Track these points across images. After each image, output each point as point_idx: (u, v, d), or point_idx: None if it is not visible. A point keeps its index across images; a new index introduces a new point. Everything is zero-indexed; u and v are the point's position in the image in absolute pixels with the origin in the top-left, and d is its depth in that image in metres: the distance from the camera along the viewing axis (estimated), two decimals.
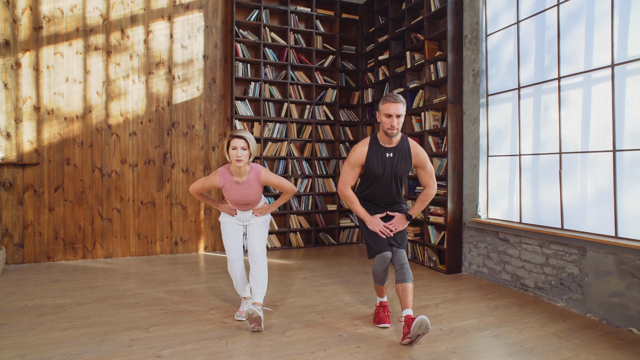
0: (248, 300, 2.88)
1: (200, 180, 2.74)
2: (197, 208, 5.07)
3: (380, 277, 2.69)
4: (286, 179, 3.02)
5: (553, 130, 3.30)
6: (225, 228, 2.81)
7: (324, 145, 5.61)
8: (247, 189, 2.67)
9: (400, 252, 2.61)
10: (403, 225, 2.64)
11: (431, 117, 4.33)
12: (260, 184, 2.70)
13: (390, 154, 2.59)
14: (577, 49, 3.12)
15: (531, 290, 3.37)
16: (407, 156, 2.60)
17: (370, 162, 2.59)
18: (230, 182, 2.66)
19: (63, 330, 2.58)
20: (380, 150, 2.60)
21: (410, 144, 2.63)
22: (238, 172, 2.63)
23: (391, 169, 2.59)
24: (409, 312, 2.40)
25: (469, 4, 4.04)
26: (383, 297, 2.79)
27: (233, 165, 2.62)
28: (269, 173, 2.72)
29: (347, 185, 2.66)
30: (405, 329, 2.33)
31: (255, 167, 2.69)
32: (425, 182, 2.67)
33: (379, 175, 2.60)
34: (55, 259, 4.47)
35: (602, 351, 2.34)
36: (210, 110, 5.13)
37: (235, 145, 2.52)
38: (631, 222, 2.75)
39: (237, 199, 2.71)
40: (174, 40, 4.95)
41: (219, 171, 2.68)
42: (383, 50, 5.37)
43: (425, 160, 2.63)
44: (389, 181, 2.61)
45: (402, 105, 2.48)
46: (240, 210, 2.83)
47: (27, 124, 4.35)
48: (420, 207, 2.68)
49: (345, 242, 5.74)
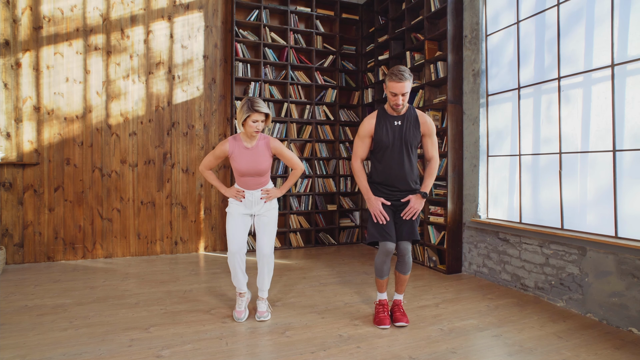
0: (244, 296, 2.84)
1: (209, 153, 2.81)
2: (197, 208, 5.07)
3: (379, 268, 2.69)
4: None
5: (553, 130, 3.30)
6: (231, 219, 2.79)
7: (324, 145, 5.61)
8: (257, 155, 2.72)
9: (404, 243, 2.64)
10: (421, 205, 2.65)
11: (431, 117, 4.33)
12: (269, 150, 2.75)
13: (399, 122, 2.63)
14: (577, 49, 3.12)
15: (531, 290, 3.37)
16: (415, 123, 2.64)
17: (379, 131, 2.64)
18: (240, 148, 2.71)
19: (63, 330, 2.58)
20: (389, 119, 2.65)
21: (418, 113, 2.67)
22: (248, 138, 2.72)
23: (400, 136, 2.62)
24: (399, 298, 2.81)
25: (469, 4, 4.04)
26: (383, 294, 2.79)
27: (243, 134, 2.72)
28: (279, 142, 2.79)
29: (357, 157, 2.73)
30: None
31: (265, 135, 2.78)
32: (430, 153, 2.71)
33: (388, 144, 2.62)
34: (55, 259, 4.47)
35: (602, 351, 2.35)
36: (210, 110, 5.13)
37: (256, 118, 2.60)
38: (631, 222, 2.75)
39: (246, 167, 2.71)
40: (174, 40, 4.95)
41: (228, 139, 2.75)
42: (383, 50, 5.37)
43: (432, 128, 2.68)
44: (400, 151, 2.62)
45: (408, 82, 2.50)
46: (249, 189, 2.78)
47: (27, 124, 4.35)
48: (430, 181, 2.71)
49: (345, 242, 5.74)
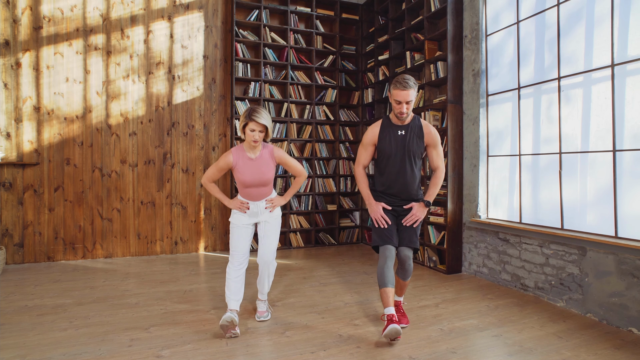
0: (233, 313, 2.56)
1: (212, 166, 2.74)
2: (197, 208, 5.07)
3: (381, 273, 2.47)
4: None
5: (553, 130, 3.30)
6: (235, 230, 2.71)
7: (323, 145, 5.61)
8: (261, 166, 2.67)
9: (404, 250, 2.58)
10: (423, 213, 2.64)
11: (431, 117, 4.33)
12: (273, 160, 2.70)
13: (402, 132, 2.60)
14: (577, 49, 3.12)
15: (531, 290, 3.37)
16: (419, 134, 2.60)
17: (382, 140, 2.62)
18: (244, 159, 2.66)
19: (63, 330, 2.58)
20: (392, 129, 2.62)
21: (422, 123, 2.63)
22: (250, 149, 2.66)
23: (403, 146, 2.59)
24: (399, 299, 2.81)
25: (469, 4, 4.04)
26: (390, 307, 2.40)
27: (246, 143, 2.65)
28: (282, 151, 2.74)
29: (359, 164, 2.74)
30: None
31: (268, 145, 2.72)
32: (435, 163, 2.68)
33: (391, 154, 2.60)
34: (55, 259, 4.47)
35: (602, 351, 2.34)
36: (210, 110, 5.13)
37: (253, 127, 2.54)
38: (631, 222, 2.75)
39: (250, 178, 2.65)
40: (174, 40, 4.95)
41: (231, 150, 2.70)
42: (383, 50, 5.37)
43: (437, 139, 2.63)
44: (402, 161, 2.60)
45: (412, 90, 2.47)
46: (253, 200, 2.73)
47: (27, 124, 4.35)
48: (434, 190, 2.68)
49: (345, 242, 5.74)
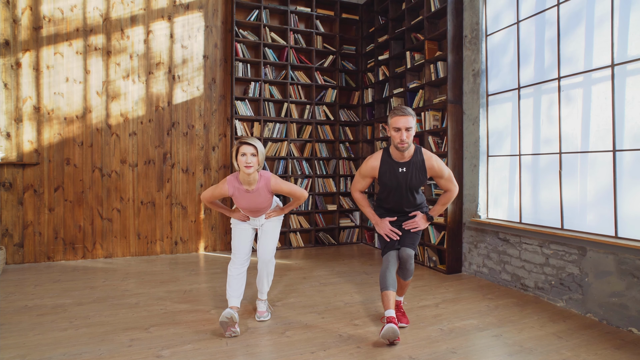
0: (234, 310, 2.56)
1: (209, 189, 2.68)
2: (197, 208, 5.07)
3: (383, 274, 2.48)
4: (297, 185, 2.99)
5: (553, 130, 3.30)
6: (236, 231, 2.76)
7: (324, 145, 5.61)
8: (257, 198, 2.61)
9: (406, 250, 2.57)
10: (424, 224, 2.62)
11: (431, 117, 4.33)
12: (270, 192, 2.63)
13: (404, 169, 2.49)
14: (577, 49, 3.12)
15: (531, 290, 3.37)
16: (421, 169, 2.50)
17: (382, 176, 2.55)
18: (240, 191, 2.59)
19: (63, 330, 2.58)
20: (393, 166, 2.51)
21: (425, 156, 2.51)
22: (247, 180, 2.54)
23: (405, 182, 2.51)
24: (400, 299, 2.80)
25: (469, 4, 4.04)
26: (390, 310, 2.39)
27: (242, 173, 2.53)
28: (279, 180, 2.64)
29: (356, 190, 2.71)
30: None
31: (265, 174, 2.61)
32: (445, 188, 2.61)
33: (392, 188, 2.56)
34: (55, 259, 4.47)
35: (602, 351, 2.34)
36: (210, 110, 5.13)
37: (244, 151, 2.45)
38: (631, 222, 2.75)
39: (247, 207, 2.65)
40: (174, 40, 4.95)
41: (227, 180, 2.60)
42: (383, 50, 5.37)
43: (442, 170, 2.53)
44: (404, 192, 2.57)
45: (412, 117, 2.37)
46: (252, 217, 2.78)
47: (27, 124, 4.35)
48: (440, 208, 2.66)
49: (345, 242, 5.74)
